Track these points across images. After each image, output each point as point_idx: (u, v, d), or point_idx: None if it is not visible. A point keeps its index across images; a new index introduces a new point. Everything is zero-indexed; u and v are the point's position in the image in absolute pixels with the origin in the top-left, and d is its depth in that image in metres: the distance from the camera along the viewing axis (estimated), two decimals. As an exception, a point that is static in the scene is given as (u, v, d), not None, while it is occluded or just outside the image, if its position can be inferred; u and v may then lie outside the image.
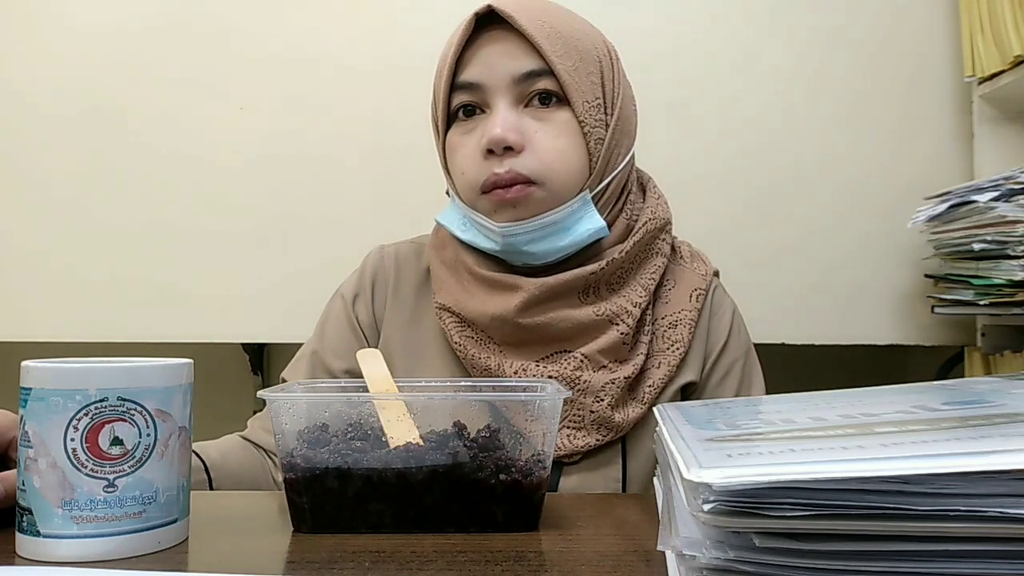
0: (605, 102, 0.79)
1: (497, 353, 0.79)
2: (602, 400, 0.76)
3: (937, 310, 1.20)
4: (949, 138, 1.29)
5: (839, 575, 0.35)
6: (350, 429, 0.58)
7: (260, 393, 0.56)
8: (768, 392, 0.86)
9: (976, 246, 1.07)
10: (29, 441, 0.49)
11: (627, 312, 0.78)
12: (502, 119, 0.75)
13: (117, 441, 0.49)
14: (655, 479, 0.66)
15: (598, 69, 0.79)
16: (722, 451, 0.40)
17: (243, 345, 1.60)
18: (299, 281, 1.34)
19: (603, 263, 0.78)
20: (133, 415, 0.49)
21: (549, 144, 0.76)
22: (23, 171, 1.39)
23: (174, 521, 0.52)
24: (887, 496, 0.34)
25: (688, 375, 0.82)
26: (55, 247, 1.37)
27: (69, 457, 0.48)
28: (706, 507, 0.35)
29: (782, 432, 0.44)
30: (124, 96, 1.38)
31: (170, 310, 1.35)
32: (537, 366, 0.78)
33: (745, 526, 0.35)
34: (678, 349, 0.81)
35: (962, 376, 1.25)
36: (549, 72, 0.76)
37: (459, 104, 0.79)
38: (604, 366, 0.78)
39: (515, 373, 0.78)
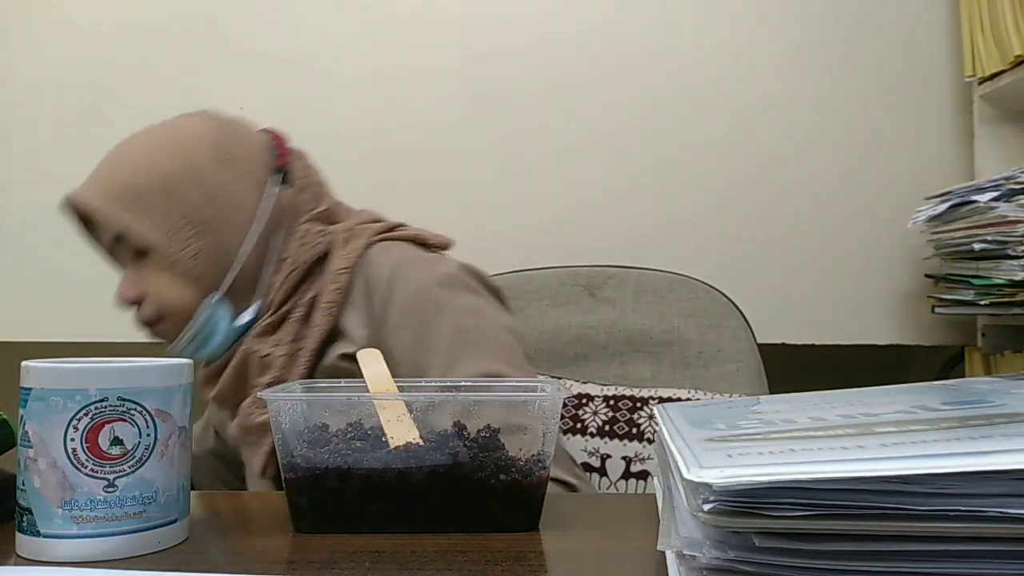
0: (196, 213, 0.84)
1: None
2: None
3: (937, 310, 1.20)
4: (949, 138, 1.29)
5: (839, 575, 0.35)
6: (350, 429, 0.58)
7: (260, 393, 0.56)
8: (768, 392, 0.86)
9: (976, 246, 1.07)
10: (29, 441, 0.49)
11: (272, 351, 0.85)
12: (122, 283, 0.87)
13: (117, 441, 0.49)
14: (655, 479, 0.66)
15: (175, 188, 0.83)
16: (722, 451, 0.40)
17: (243, 345, 1.60)
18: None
19: (253, 349, 0.85)
20: (133, 415, 0.49)
21: (153, 290, 0.86)
22: (23, 171, 1.39)
23: (174, 521, 0.52)
24: (887, 496, 0.34)
25: (348, 346, 0.84)
26: (55, 247, 1.37)
27: (69, 457, 0.48)
28: (706, 507, 0.35)
29: (782, 432, 0.44)
30: (124, 97, 1.38)
31: (170, 310, 1.35)
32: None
33: (745, 526, 0.35)
34: (318, 333, 0.84)
35: (962, 376, 1.25)
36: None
37: None
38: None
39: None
